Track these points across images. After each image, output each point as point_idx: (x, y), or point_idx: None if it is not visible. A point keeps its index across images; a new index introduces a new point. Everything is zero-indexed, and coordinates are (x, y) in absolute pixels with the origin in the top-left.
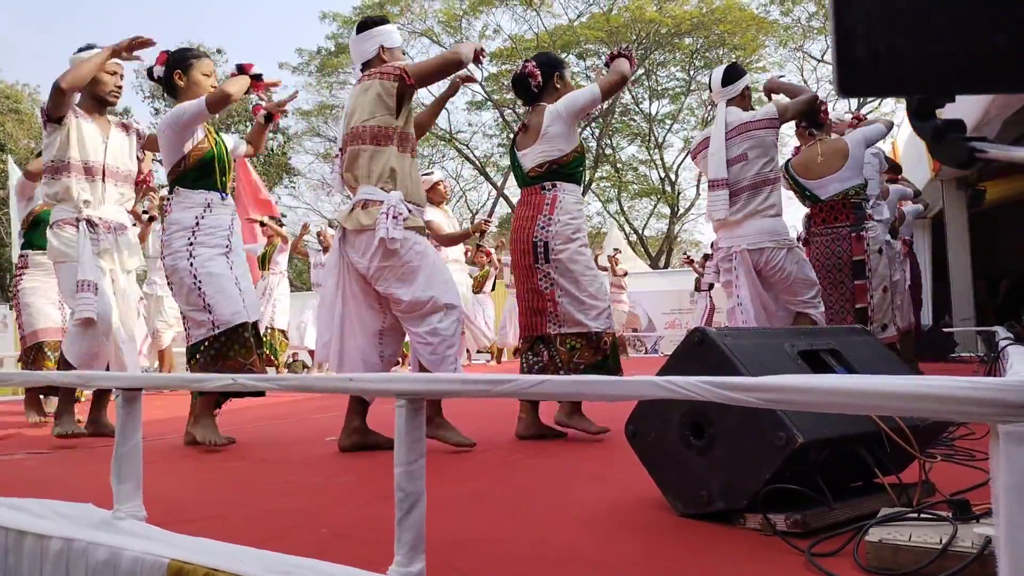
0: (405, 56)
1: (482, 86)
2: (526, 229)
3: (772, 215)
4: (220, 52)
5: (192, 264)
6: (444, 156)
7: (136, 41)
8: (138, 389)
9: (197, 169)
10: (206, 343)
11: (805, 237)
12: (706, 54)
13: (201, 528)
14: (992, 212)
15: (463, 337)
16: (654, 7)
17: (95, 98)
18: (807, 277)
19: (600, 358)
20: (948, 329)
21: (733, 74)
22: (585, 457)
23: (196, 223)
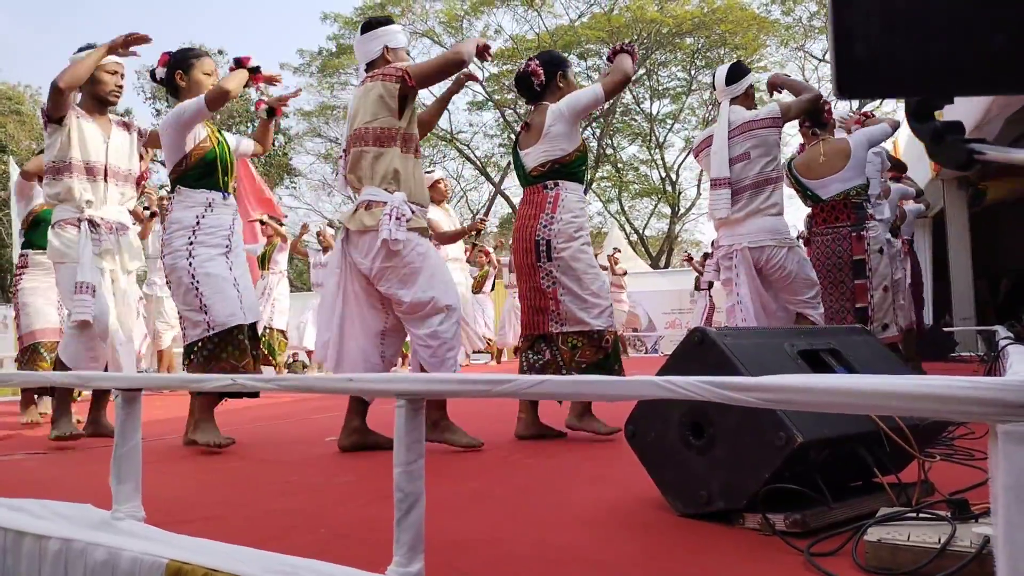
0: (409, 57)
1: (483, 86)
2: (528, 228)
3: (774, 214)
4: (221, 53)
5: (191, 264)
6: (445, 156)
7: (132, 37)
8: (137, 389)
9: (199, 168)
10: (200, 344)
11: (806, 237)
12: (707, 54)
13: (200, 528)
14: (993, 211)
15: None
16: (655, 7)
17: (96, 98)
18: (808, 277)
19: (602, 356)
20: (948, 328)
21: (737, 72)
22: (585, 457)
23: (197, 222)
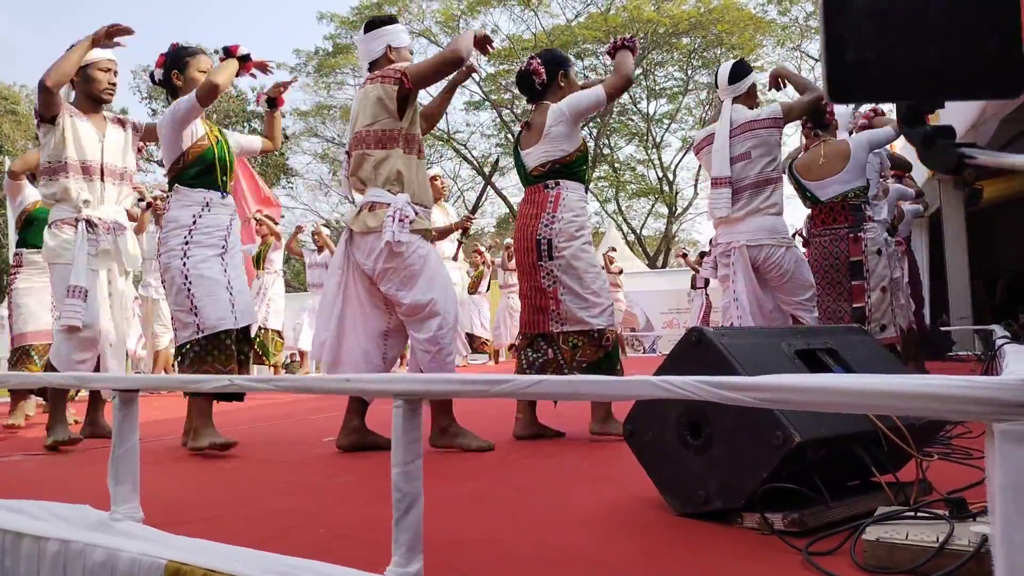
0: (412, 56)
1: (480, 86)
2: (530, 227)
3: (774, 213)
4: (218, 53)
5: (185, 264)
6: (442, 156)
7: (114, 28)
8: (135, 390)
9: (196, 166)
10: (188, 345)
11: (806, 238)
12: (704, 54)
13: (199, 529)
14: (989, 211)
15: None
16: (652, 7)
17: (89, 97)
18: (804, 278)
19: (602, 355)
20: (945, 328)
21: (740, 71)
22: (583, 457)
23: (193, 222)
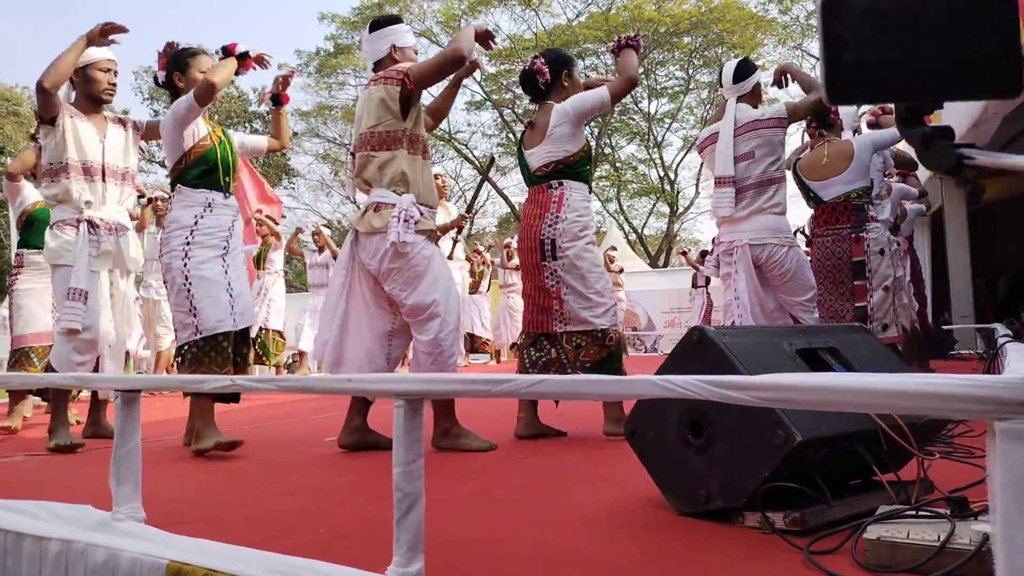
0: (417, 56)
1: (481, 86)
2: (533, 227)
3: (777, 213)
4: (218, 53)
5: (186, 265)
6: (443, 156)
7: (108, 26)
8: (137, 391)
9: (198, 167)
10: (187, 346)
11: (809, 237)
12: (705, 53)
13: (200, 529)
14: (991, 209)
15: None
16: (653, 6)
17: (90, 97)
18: (805, 278)
19: (605, 355)
20: (947, 326)
21: (745, 70)
22: (584, 457)
23: (195, 222)
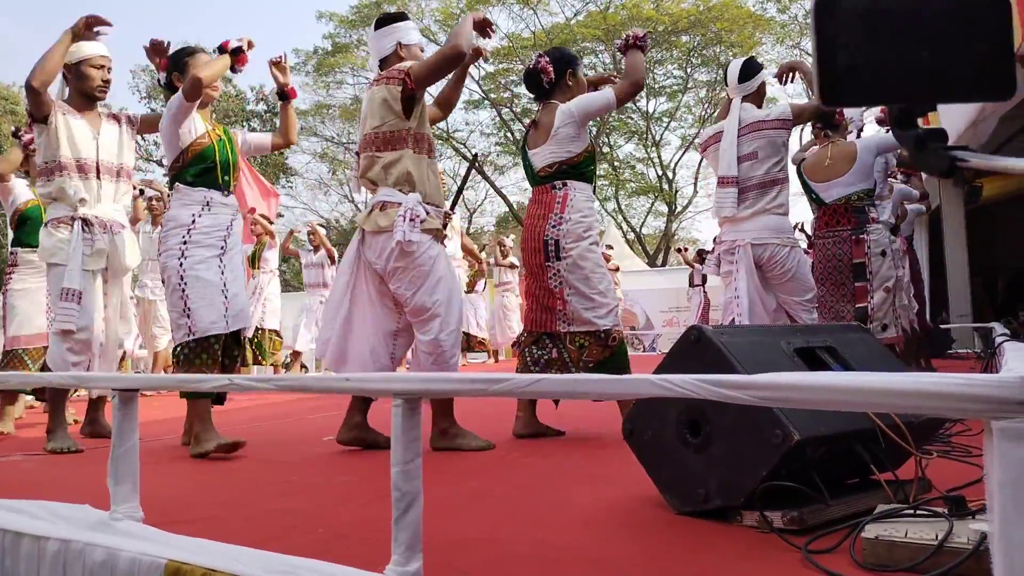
0: (423, 53)
1: (479, 85)
2: (537, 227)
3: (780, 213)
4: (216, 53)
5: (181, 264)
6: (441, 155)
7: (92, 19)
8: (134, 390)
9: (195, 165)
10: (180, 347)
11: (808, 236)
12: (703, 52)
13: (198, 529)
14: (989, 208)
15: None
16: (651, 5)
17: (83, 94)
18: (805, 278)
19: (608, 354)
20: (945, 326)
21: (750, 70)
22: (583, 456)
23: (192, 221)
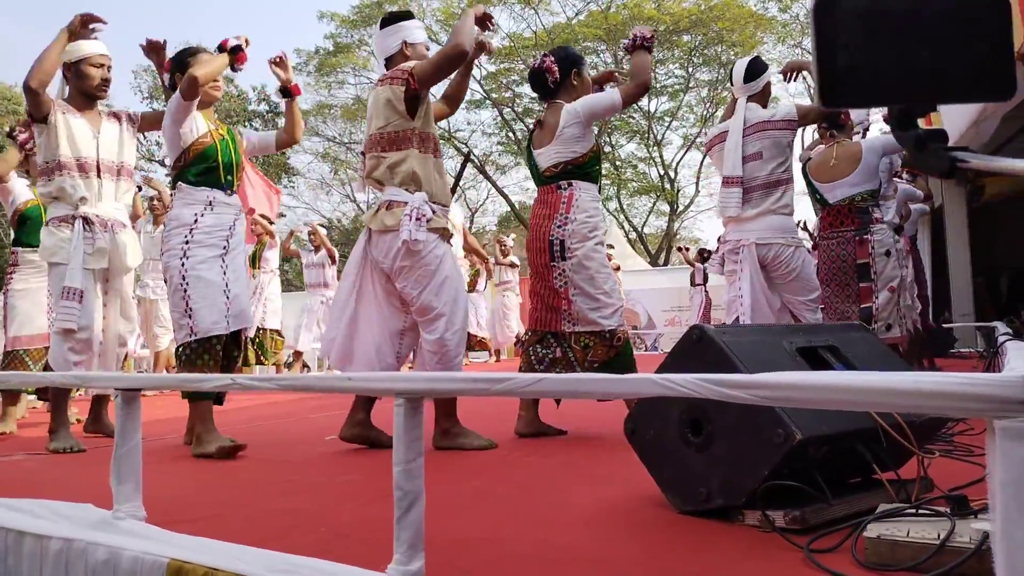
0: (428, 52)
1: (480, 84)
2: (543, 228)
3: (786, 213)
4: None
5: (183, 264)
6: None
7: (86, 16)
8: (137, 389)
9: (197, 164)
10: (182, 347)
11: (811, 234)
12: (704, 51)
13: (201, 528)
14: (991, 208)
15: None
16: (652, 4)
17: (83, 93)
18: (810, 279)
19: (614, 354)
20: (947, 325)
21: (756, 69)
22: (585, 455)
23: (195, 221)
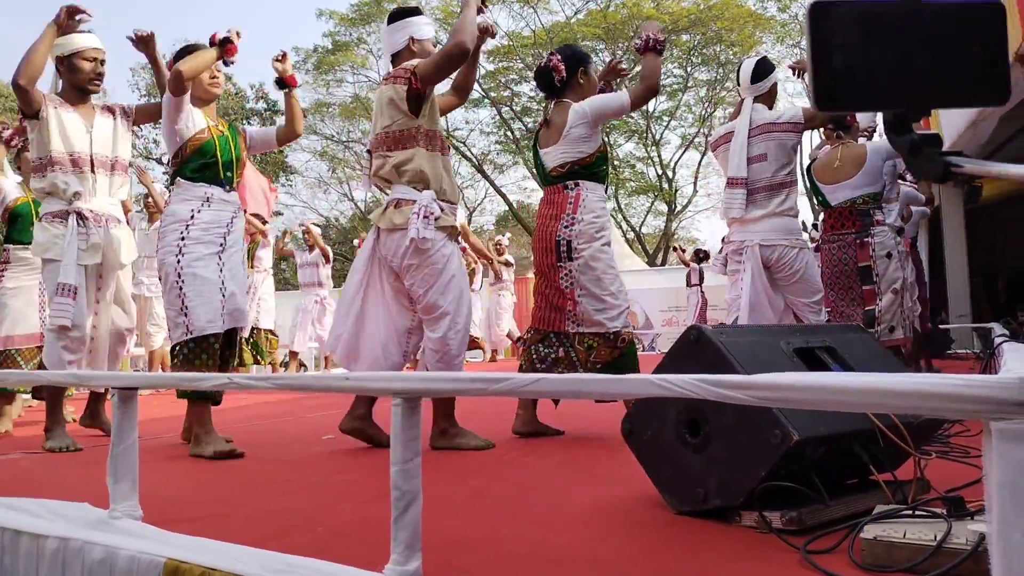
0: (435, 48)
1: (479, 83)
2: (549, 228)
3: (791, 215)
4: None
5: (179, 261)
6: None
7: (71, 8)
8: (134, 388)
9: (195, 160)
10: (179, 346)
11: (817, 243)
12: (703, 51)
13: (198, 527)
14: (989, 209)
15: None
16: (651, 4)
17: (76, 87)
18: (813, 280)
19: (617, 355)
20: (944, 326)
21: (763, 70)
22: (582, 455)
23: (191, 217)
